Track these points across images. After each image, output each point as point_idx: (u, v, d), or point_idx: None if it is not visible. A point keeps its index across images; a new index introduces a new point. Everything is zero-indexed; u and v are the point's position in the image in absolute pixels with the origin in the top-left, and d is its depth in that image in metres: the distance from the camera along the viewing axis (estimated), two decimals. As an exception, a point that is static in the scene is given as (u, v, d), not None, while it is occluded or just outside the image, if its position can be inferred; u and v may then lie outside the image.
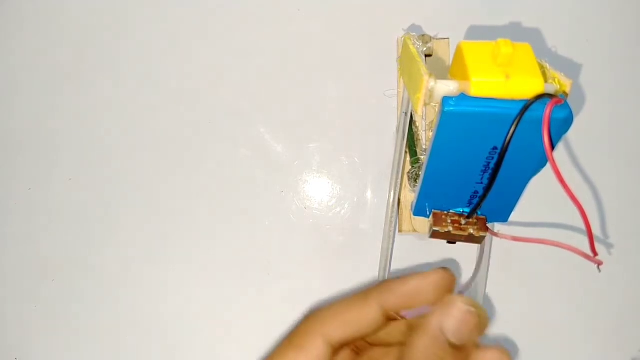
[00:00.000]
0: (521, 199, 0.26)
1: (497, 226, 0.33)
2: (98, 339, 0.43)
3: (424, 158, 0.27)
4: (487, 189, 0.25)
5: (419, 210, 0.28)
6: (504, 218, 0.28)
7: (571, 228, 0.41)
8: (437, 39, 0.39)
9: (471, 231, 0.27)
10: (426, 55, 0.39)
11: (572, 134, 0.25)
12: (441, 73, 0.25)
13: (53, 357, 0.43)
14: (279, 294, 0.43)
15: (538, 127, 0.22)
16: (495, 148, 0.24)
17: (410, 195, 0.39)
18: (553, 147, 0.23)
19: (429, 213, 0.27)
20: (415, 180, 0.35)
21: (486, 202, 0.25)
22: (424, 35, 0.38)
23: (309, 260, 0.43)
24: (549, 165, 0.23)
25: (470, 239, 0.27)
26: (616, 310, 0.42)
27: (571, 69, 0.43)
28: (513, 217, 0.28)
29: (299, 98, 0.44)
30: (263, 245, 0.43)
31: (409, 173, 0.37)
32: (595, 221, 0.42)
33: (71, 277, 0.43)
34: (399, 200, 0.39)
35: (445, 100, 0.23)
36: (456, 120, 0.23)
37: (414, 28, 0.43)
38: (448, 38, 0.40)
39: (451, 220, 0.27)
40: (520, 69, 0.23)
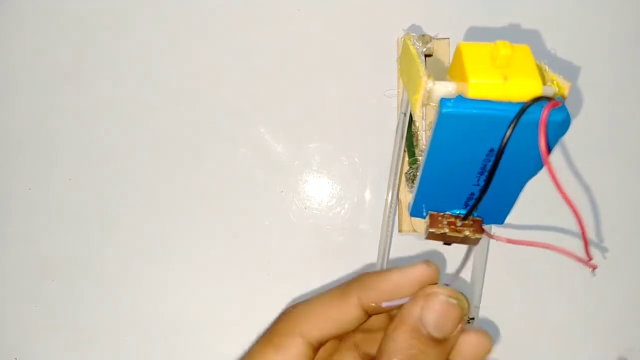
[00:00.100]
0: (518, 202, 0.26)
1: (494, 228, 0.33)
2: (98, 339, 0.43)
3: (421, 159, 0.27)
4: (483, 191, 0.25)
5: (415, 211, 0.28)
6: (500, 220, 0.28)
7: (567, 231, 0.41)
8: (437, 39, 0.39)
9: (467, 233, 0.27)
10: (426, 56, 0.39)
11: (569, 136, 0.25)
12: (441, 73, 0.25)
13: (53, 357, 0.43)
14: (279, 294, 0.43)
15: (535, 130, 0.22)
16: (492, 150, 0.24)
17: (410, 196, 0.39)
18: (549, 150, 0.22)
19: (425, 214, 0.27)
20: (412, 181, 0.35)
21: (482, 204, 0.25)
22: (424, 36, 0.38)
23: (309, 260, 0.43)
24: (545, 168, 0.23)
25: (466, 240, 0.27)
26: (615, 310, 0.42)
27: (570, 70, 0.43)
28: (509, 220, 0.27)
29: (299, 98, 0.44)
30: (263, 246, 0.43)
31: (406, 174, 0.37)
32: (591, 224, 0.42)
33: (71, 277, 0.44)
34: (399, 200, 0.39)
35: (443, 101, 0.22)
36: (453, 121, 0.23)
37: (414, 28, 0.43)
38: (448, 38, 0.39)
39: (447, 222, 0.27)
40: (518, 70, 0.23)
